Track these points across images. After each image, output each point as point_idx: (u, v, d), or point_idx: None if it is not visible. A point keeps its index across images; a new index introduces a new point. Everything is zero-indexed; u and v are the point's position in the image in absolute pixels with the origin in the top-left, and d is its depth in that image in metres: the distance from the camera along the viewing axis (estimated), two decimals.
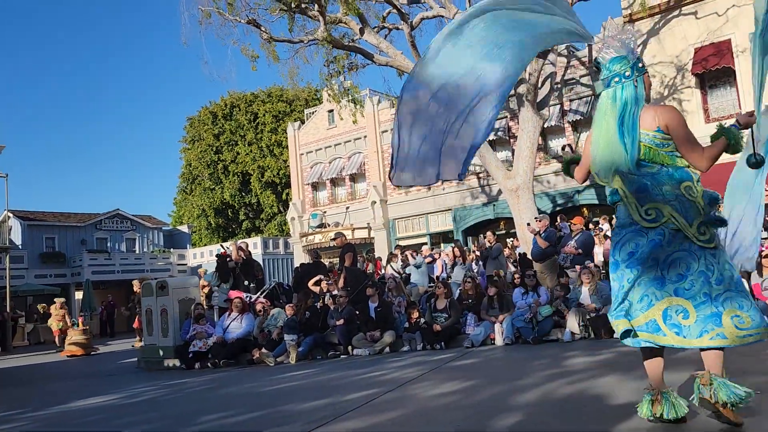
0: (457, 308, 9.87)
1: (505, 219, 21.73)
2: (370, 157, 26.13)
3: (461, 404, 4.89)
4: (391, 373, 7.12)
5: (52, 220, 35.15)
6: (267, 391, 6.89)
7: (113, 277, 33.17)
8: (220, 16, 15.06)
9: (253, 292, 12.22)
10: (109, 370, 11.76)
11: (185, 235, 41.48)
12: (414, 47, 15.43)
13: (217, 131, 41.41)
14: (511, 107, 21.41)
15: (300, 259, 26.13)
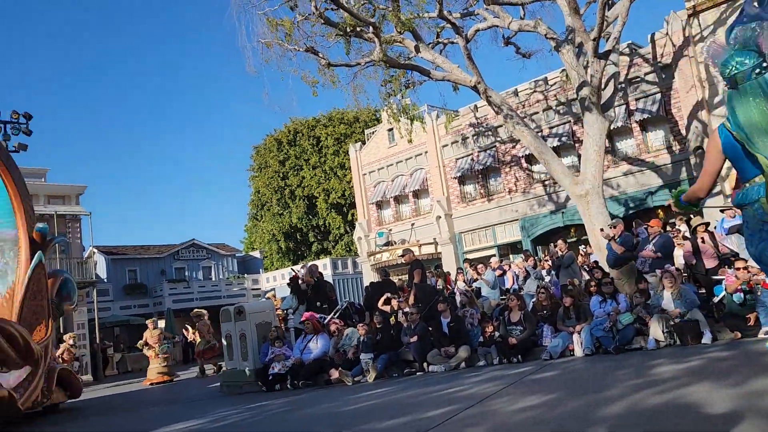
0: (532, 320, 9.69)
1: (575, 226, 21.18)
2: (432, 173, 26.13)
3: (544, 418, 4.78)
4: (469, 389, 7.04)
5: (133, 254, 36.83)
6: (346, 411, 6.94)
7: (192, 305, 34.30)
8: (280, 46, 15.49)
9: (326, 313, 12.38)
10: (193, 396, 12.13)
11: (257, 260, 42.57)
12: (470, 60, 15.38)
13: (282, 157, 42.45)
14: (574, 111, 20.99)
15: (369, 278, 26.29)
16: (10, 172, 10.96)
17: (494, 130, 23.88)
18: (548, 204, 22.47)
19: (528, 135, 15.09)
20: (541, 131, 21.84)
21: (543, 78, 22.80)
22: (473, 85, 15.30)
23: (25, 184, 11.54)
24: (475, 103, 24.52)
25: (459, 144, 25.07)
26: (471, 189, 25.29)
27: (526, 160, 22.96)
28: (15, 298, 10.36)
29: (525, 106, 22.67)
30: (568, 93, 21.29)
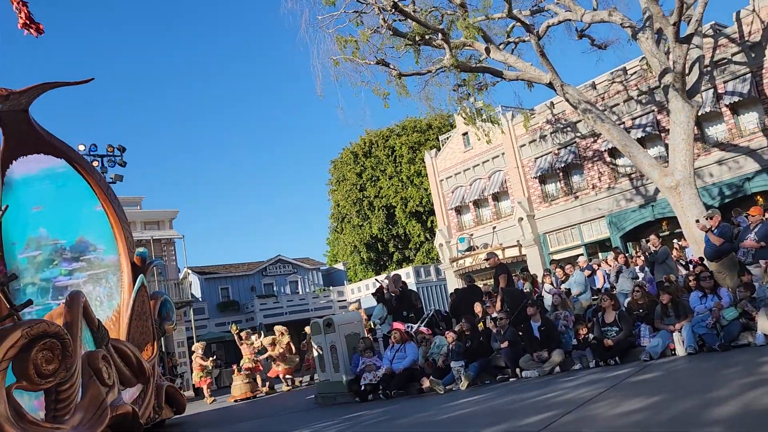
0: (627, 320, 9.31)
1: (667, 219, 20.24)
2: (510, 174, 25.71)
3: (651, 422, 4.59)
4: (566, 394, 6.86)
5: (224, 272, 38.33)
6: (442, 420, 6.92)
7: (282, 319, 35.30)
8: (351, 62, 15.76)
9: (412, 322, 12.40)
10: (291, 408, 12.43)
11: (341, 272, 43.27)
12: (543, 56, 15.09)
13: (359, 169, 43.03)
14: (658, 100, 20.13)
15: (453, 285, 26.12)
16: (111, 202, 11.71)
17: (573, 126, 23.24)
18: (636, 198, 21.60)
19: (610, 128, 14.60)
20: (624, 123, 21.06)
21: (621, 68, 22.01)
22: (548, 82, 14.99)
23: (124, 212, 12.28)
24: (551, 100, 23.98)
25: (537, 142, 24.57)
26: (553, 188, 24.69)
27: (609, 154, 22.18)
28: (121, 320, 11.01)
29: (604, 98, 21.95)
30: (649, 81, 20.44)
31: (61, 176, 11.48)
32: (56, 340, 6.80)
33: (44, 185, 11.49)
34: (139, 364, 10.09)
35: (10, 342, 6.34)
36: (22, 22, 9.06)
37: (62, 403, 7.17)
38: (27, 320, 7.22)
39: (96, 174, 12.28)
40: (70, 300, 8.44)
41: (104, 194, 11.72)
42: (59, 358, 6.85)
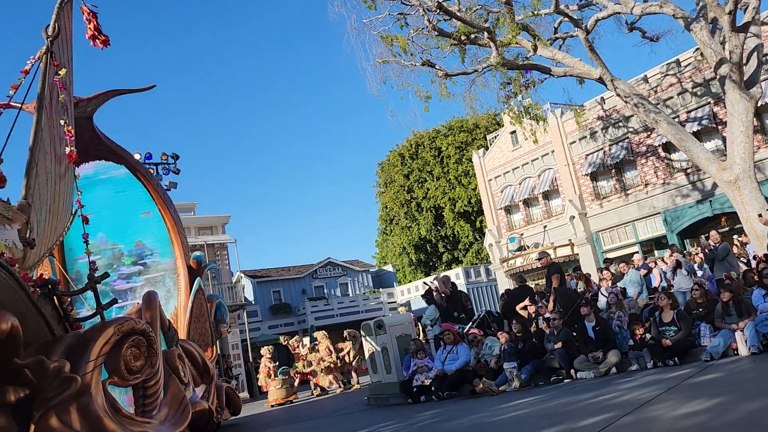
0: (687, 319, 9.04)
1: (726, 215, 19.56)
2: (561, 172, 25.28)
3: (713, 425, 4.45)
4: (624, 395, 6.71)
5: (276, 275, 38.96)
6: (496, 422, 6.87)
7: (333, 321, 35.63)
8: (397, 63, 15.82)
9: (463, 323, 12.33)
10: (343, 409, 12.54)
11: (391, 274, 43.37)
12: (593, 51, 14.79)
13: (406, 171, 43.05)
14: (714, 91, 19.46)
15: (503, 285, 25.86)
16: (168, 207, 12.10)
17: (625, 121, 22.70)
18: (693, 194, 20.93)
19: (664, 122, 14.22)
20: (678, 117, 20.45)
21: (675, 60, 21.38)
22: (598, 77, 14.71)
23: (180, 218, 12.66)
24: (602, 95, 23.49)
25: (588, 139, 24.10)
26: (605, 185, 24.17)
27: (663, 149, 21.57)
28: (179, 322, 11.35)
29: (657, 91, 21.36)
30: (704, 73, 19.79)
31: (120, 182, 11.90)
32: (143, 337, 7.07)
33: (104, 191, 11.96)
34: (204, 364, 10.41)
35: (105, 338, 6.64)
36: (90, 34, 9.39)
37: (149, 398, 7.46)
38: (117, 317, 7.56)
39: (154, 180, 12.70)
40: (147, 299, 8.76)
41: (162, 200, 12.12)
42: (145, 355, 7.12)
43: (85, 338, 6.71)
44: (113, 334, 6.75)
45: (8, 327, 5.85)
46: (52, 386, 6.11)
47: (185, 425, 8.44)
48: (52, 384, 6.11)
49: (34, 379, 6.12)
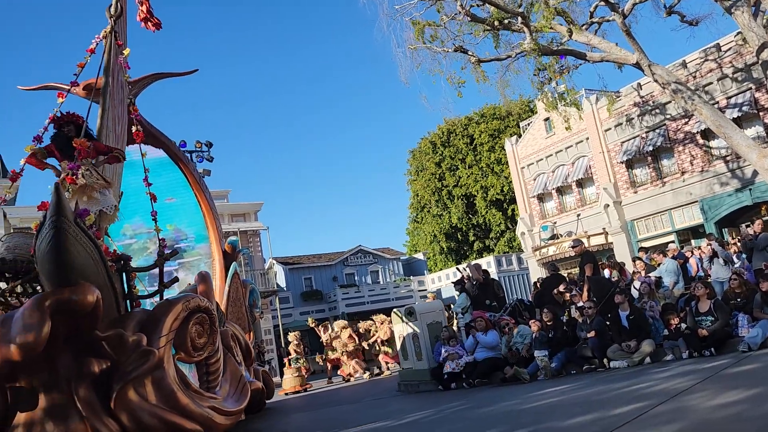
0: (724, 309, 8.86)
1: (767, 203, 19.03)
2: (595, 159, 24.89)
3: (749, 415, 4.38)
4: (659, 385, 6.63)
5: (307, 263, 39.33)
6: (527, 409, 6.86)
7: (364, 308, 35.86)
8: (428, 50, 15.73)
9: (495, 311, 12.30)
10: (375, 394, 12.65)
11: (421, 262, 43.39)
12: (630, 36, 14.49)
13: (438, 159, 42.87)
14: (756, 76, 18.90)
15: (536, 274, 25.66)
16: (204, 192, 12.28)
17: (662, 107, 22.20)
18: (732, 182, 20.41)
19: (703, 108, 13.88)
20: (717, 103, 19.92)
21: (714, 45, 20.79)
22: (635, 62, 14.41)
23: (214, 204, 12.85)
24: (639, 81, 23.00)
25: (624, 126, 23.65)
26: (640, 172, 23.73)
27: (702, 136, 21.05)
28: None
29: (696, 77, 20.82)
30: (746, 58, 19.22)
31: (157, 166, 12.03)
32: (206, 315, 7.30)
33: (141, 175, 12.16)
34: (246, 347, 10.61)
35: (174, 314, 6.84)
36: (142, 16, 9.49)
37: (212, 375, 7.67)
38: (184, 294, 7.70)
39: (191, 165, 12.87)
40: (202, 279, 8.93)
41: (198, 185, 12.29)
42: (208, 332, 7.35)
43: (156, 314, 6.85)
44: (182, 310, 6.92)
45: (94, 299, 5.99)
46: (131, 359, 6.23)
47: (246, 402, 8.62)
48: (131, 357, 6.23)
49: (113, 352, 6.22)
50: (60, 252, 5.80)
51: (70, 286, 5.87)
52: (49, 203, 6.52)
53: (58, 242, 5.79)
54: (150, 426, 6.27)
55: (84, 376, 6.09)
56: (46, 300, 5.77)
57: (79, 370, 6.11)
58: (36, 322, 5.63)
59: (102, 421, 6.05)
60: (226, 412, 7.51)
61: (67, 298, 5.81)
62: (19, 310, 5.95)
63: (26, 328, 5.62)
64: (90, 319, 6.10)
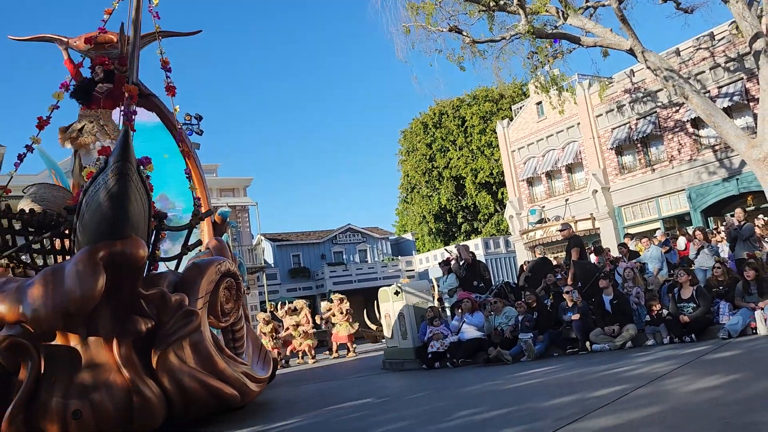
0: (706, 296, 9.00)
1: (753, 193, 19.21)
2: (586, 145, 24.96)
3: (727, 400, 4.47)
4: (639, 369, 6.75)
5: (295, 240, 39.31)
6: (510, 389, 6.96)
7: (351, 287, 35.95)
8: (423, 29, 15.61)
9: (481, 292, 12.39)
10: (359, 372, 12.75)
11: (410, 242, 43.51)
12: (624, 22, 14.45)
13: (429, 140, 42.79)
14: (747, 67, 18.97)
15: (522, 257, 25.83)
16: (195, 160, 12.12)
17: (654, 95, 22.25)
18: (719, 171, 20.57)
19: (694, 97, 13.93)
20: (709, 92, 19.99)
21: (708, 33, 20.80)
22: (629, 48, 14.40)
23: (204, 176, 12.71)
24: (632, 68, 23.01)
25: (614, 112, 23.70)
26: (629, 159, 23.85)
27: (692, 125, 21.16)
28: None
29: (688, 65, 20.86)
30: (738, 47, 19.26)
31: (148, 131, 11.70)
32: (233, 280, 7.11)
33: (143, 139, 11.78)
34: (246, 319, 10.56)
35: (209, 277, 6.64)
36: None
37: (239, 342, 7.50)
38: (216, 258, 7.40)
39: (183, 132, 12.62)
40: (220, 247, 8.66)
41: (190, 152, 12.09)
42: (234, 298, 7.16)
43: (190, 276, 6.62)
44: (215, 273, 6.71)
45: (145, 255, 5.79)
46: (174, 320, 6.02)
47: (270, 370, 8.51)
48: (174, 318, 6.02)
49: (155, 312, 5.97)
50: (123, 201, 5.44)
51: (123, 239, 5.56)
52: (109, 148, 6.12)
53: (122, 190, 5.40)
54: (191, 389, 6.11)
55: (127, 335, 5.84)
56: (99, 251, 5.47)
57: (122, 328, 5.84)
58: (91, 274, 5.38)
59: (144, 381, 5.86)
60: (256, 379, 7.37)
61: (120, 251, 5.53)
62: (71, 261, 5.65)
63: (82, 280, 5.36)
64: (135, 275, 5.82)
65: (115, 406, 5.76)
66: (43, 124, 7.91)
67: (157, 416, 5.99)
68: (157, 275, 6.70)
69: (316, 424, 6.38)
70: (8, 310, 5.49)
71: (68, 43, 9.11)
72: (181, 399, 6.13)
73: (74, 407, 5.62)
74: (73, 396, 5.69)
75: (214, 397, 6.46)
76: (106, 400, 5.72)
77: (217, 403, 6.63)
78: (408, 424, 5.59)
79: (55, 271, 5.63)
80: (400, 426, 5.59)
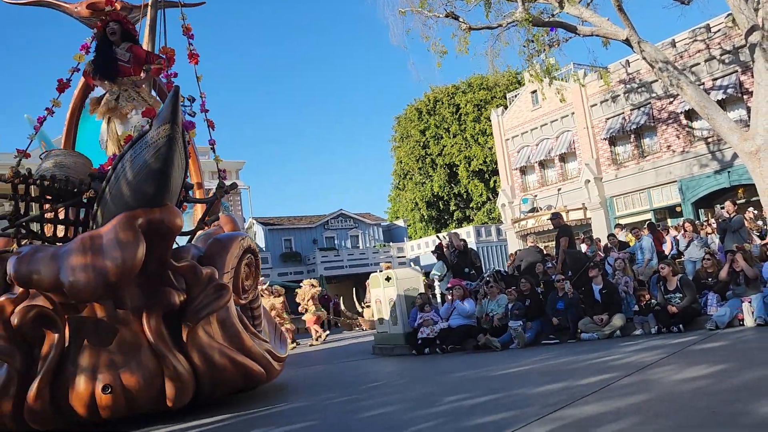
0: (691, 286, 9.07)
1: (744, 186, 19.32)
2: (579, 134, 24.98)
3: (713, 389, 4.52)
4: (627, 358, 6.80)
5: (287, 224, 39.24)
6: (498, 376, 7.00)
7: (342, 272, 36.01)
8: (419, 14, 15.50)
9: (472, 280, 12.44)
10: (350, 356, 12.79)
11: (402, 228, 43.54)
12: (621, 11, 14.39)
13: (423, 127, 42.69)
14: (742, 59, 18.99)
15: (514, 246, 25.92)
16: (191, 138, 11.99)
17: (648, 86, 22.26)
18: (711, 163, 20.66)
19: (688, 88, 13.93)
20: (703, 84, 20.02)
21: (704, 25, 20.79)
22: (625, 38, 14.36)
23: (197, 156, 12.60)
24: (627, 58, 22.99)
25: (609, 102, 23.71)
26: (623, 150, 23.90)
27: (686, 117, 21.21)
28: None
29: (683, 57, 20.86)
30: (734, 40, 19.27)
31: None
32: (253, 256, 6.88)
33: None
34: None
35: (233, 251, 6.40)
36: None
37: (257, 320, 7.23)
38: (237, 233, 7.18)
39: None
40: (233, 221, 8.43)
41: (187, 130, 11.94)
42: (253, 275, 6.94)
43: (215, 250, 6.36)
44: (238, 248, 6.47)
45: (182, 223, 5.52)
46: (205, 294, 5.77)
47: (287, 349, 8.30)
48: (205, 291, 5.77)
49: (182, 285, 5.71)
50: (167, 166, 5.11)
51: (161, 206, 5.28)
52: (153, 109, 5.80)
53: (169, 154, 5.06)
54: (220, 366, 5.87)
55: (158, 307, 5.59)
56: (138, 218, 5.21)
57: (152, 301, 5.59)
58: (132, 242, 5.11)
59: (176, 356, 5.61)
60: (278, 357, 7.16)
61: (159, 219, 5.28)
62: (108, 228, 5.31)
63: (123, 248, 5.08)
64: (167, 246, 5.57)
65: (146, 381, 5.55)
66: (63, 86, 7.61)
67: (187, 393, 5.80)
68: (180, 249, 6.40)
69: (305, 408, 6.40)
70: (44, 278, 5.18)
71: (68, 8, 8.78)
72: (210, 376, 5.92)
73: (104, 382, 5.40)
74: (103, 370, 5.45)
75: (243, 375, 6.23)
76: (136, 375, 5.50)
77: (245, 382, 6.41)
78: (397, 409, 5.63)
79: (93, 237, 5.32)
80: (389, 411, 5.62)
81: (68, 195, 6.43)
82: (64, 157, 6.61)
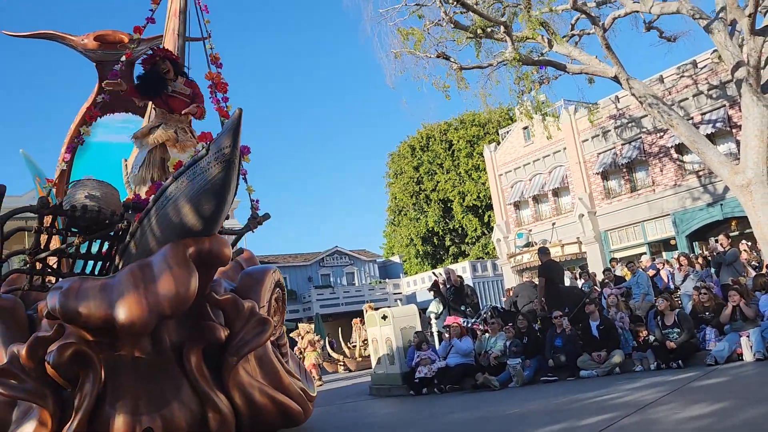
0: (688, 321, 9.04)
1: (737, 218, 19.44)
2: (572, 169, 25.18)
3: (716, 428, 4.47)
4: (627, 396, 6.73)
5: (283, 262, 39.11)
6: (498, 416, 6.91)
7: (338, 310, 35.75)
8: (412, 55, 15.76)
9: (470, 317, 12.36)
10: (346, 397, 12.62)
11: (397, 264, 43.44)
12: (609, 50, 14.70)
13: (416, 163, 43.01)
14: (730, 94, 19.32)
15: (510, 281, 25.85)
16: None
17: (638, 121, 22.57)
18: (703, 196, 20.81)
19: (678, 123, 14.14)
20: (692, 118, 20.31)
21: (691, 61, 21.20)
22: (613, 75, 14.62)
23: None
24: (616, 94, 23.35)
25: (600, 137, 23.99)
26: (615, 184, 24.08)
27: (676, 151, 21.46)
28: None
29: (671, 92, 21.21)
30: (720, 75, 19.64)
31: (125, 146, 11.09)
32: (281, 291, 6.65)
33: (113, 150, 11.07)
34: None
35: (267, 284, 6.15)
36: None
37: (284, 357, 6.88)
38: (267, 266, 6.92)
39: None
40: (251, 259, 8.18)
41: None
42: (280, 310, 6.69)
43: (249, 282, 6.11)
44: (271, 281, 6.23)
45: (230, 254, 5.22)
46: (246, 328, 5.47)
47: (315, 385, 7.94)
48: (247, 326, 5.47)
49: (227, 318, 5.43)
50: (224, 193, 4.82)
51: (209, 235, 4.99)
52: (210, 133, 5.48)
53: (227, 180, 4.75)
54: (261, 406, 5.58)
55: (199, 343, 5.27)
56: (188, 248, 4.91)
57: (192, 336, 5.27)
58: (186, 272, 4.81)
59: (217, 395, 5.28)
60: (309, 396, 6.90)
61: (208, 250, 5.00)
62: (158, 257, 5.01)
63: (177, 279, 4.77)
64: (211, 277, 5.26)
65: (187, 422, 5.24)
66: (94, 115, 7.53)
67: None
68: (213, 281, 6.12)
69: None
70: (94, 313, 4.82)
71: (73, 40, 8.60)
72: (250, 416, 5.62)
73: (146, 425, 5.07)
74: (143, 411, 5.13)
75: (282, 414, 5.95)
76: (179, 415, 5.19)
77: (284, 421, 6.10)
78: None
79: (143, 268, 5.04)
80: None
81: (100, 226, 6.04)
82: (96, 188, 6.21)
